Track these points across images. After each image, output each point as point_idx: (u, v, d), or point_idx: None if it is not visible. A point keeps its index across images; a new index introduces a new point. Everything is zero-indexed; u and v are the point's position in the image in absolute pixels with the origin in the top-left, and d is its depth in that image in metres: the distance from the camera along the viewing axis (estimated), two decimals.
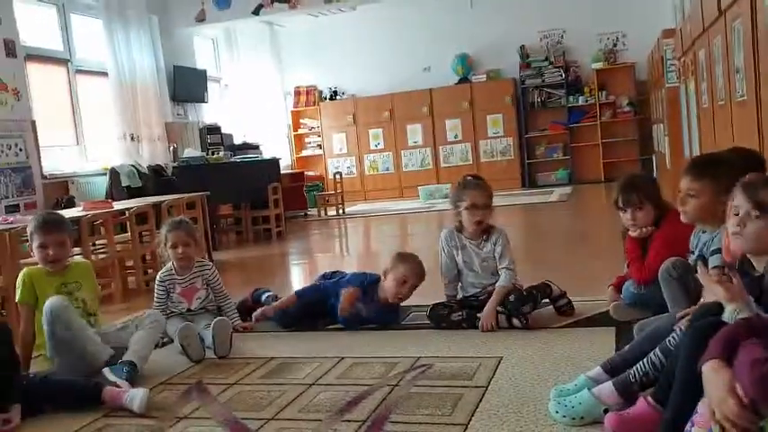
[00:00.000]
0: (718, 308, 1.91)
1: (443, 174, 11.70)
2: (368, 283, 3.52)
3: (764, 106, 3.24)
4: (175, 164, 8.03)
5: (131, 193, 7.23)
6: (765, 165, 2.49)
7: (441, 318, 3.28)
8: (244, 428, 2.29)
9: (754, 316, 1.59)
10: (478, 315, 3.22)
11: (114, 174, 7.38)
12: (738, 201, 1.73)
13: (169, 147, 8.73)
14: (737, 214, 1.73)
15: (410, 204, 10.62)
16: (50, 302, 2.84)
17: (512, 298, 3.21)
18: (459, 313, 3.26)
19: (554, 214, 8.27)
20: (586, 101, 11.38)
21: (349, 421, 2.26)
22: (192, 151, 8.29)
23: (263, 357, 3.07)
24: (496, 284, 3.27)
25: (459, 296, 3.44)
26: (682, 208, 2.46)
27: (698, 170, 2.43)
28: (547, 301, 3.38)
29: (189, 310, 3.46)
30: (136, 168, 7.62)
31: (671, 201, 3.06)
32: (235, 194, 8.10)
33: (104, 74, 8.07)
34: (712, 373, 1.35)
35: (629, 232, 3.02)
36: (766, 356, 1.28)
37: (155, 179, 7.66)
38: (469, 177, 3.48)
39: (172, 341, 3.27)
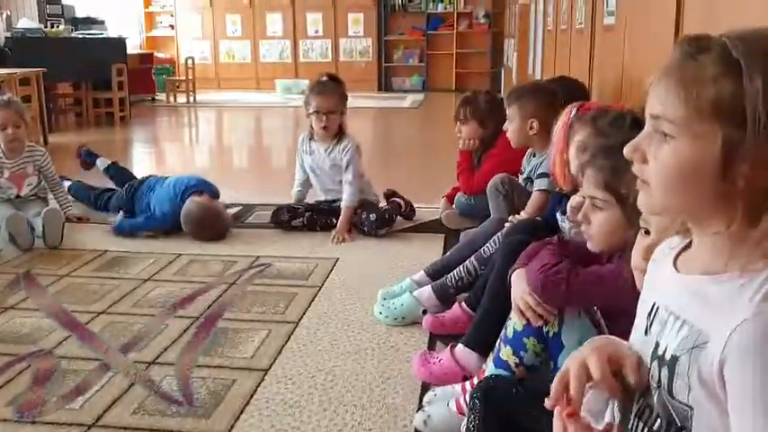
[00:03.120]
0: (532, 225, 2.12)
1: (302, 68, 11.49)
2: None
3: (597, 35, 3.48)
4: (8, 34, 7.33)
5: None
6: (588, 94, 2.70)
7: (281, 224, 3.30)
8: (73, 321, 2.27)
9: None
10: (327, 221, 3.26)
11: None
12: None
13: (1, 14, 7.92)
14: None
15: (266, 97, 10.40)
16: None
17: (372, 217, 3.18)
18: (301, 219, 3.28)
19: (405, 120, 8.45)
20: (445, 8, 11.46)
21: (182, 317, 2.31)
22: (27, 22, 7.62)
23: (96, 250, 3.01)
24: (341, 204, 3.23)
25: (312, 201, 3.43)
26: (507, 133, 2.65)
27: (509, 98, 2.63)
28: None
29: (18, 196, 3.30)
30: None
31: None
32: (75, 73, 7.57)
33: None
34: (517, 278, 1.55)
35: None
36: (554, 262, 1.47)
37: None
38: (325, 78, 3.31)
39: None
